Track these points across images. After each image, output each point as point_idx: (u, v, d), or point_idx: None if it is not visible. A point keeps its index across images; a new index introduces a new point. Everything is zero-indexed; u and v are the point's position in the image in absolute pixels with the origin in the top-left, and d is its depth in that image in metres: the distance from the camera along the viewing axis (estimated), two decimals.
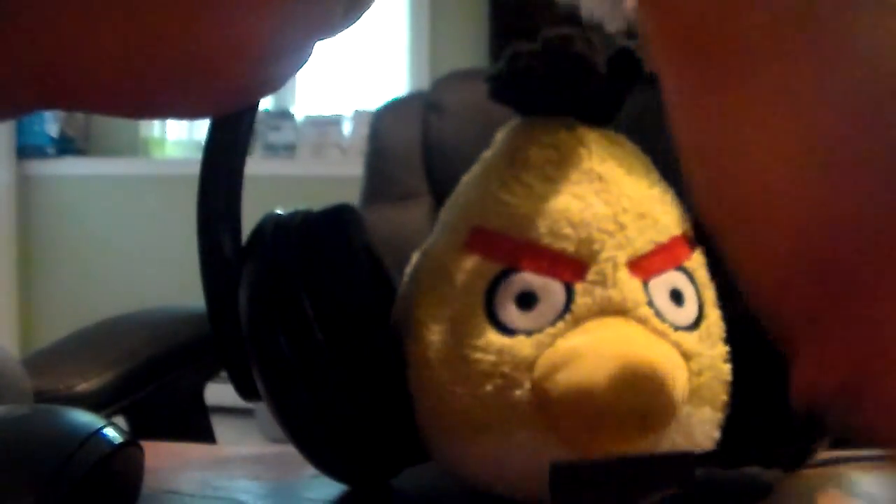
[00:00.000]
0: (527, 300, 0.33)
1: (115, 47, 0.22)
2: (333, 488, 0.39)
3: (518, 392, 0.32)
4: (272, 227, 0.36)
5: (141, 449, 0.35)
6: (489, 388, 0.32)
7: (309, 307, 0.34)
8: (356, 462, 0.36)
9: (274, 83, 0.25)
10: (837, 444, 0.37)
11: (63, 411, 0.35)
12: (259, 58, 0.23)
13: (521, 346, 0.32)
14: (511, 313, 0.33)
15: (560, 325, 0.32)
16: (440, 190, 1.09)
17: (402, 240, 0.38)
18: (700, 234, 0.36)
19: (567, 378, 0.30)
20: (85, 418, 0.35)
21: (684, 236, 0.35)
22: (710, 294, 0.35)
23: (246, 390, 0.37)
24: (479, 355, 0.32)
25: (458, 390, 0.33)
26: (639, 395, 0.30)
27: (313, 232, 0.36)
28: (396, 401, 0.34)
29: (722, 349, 0.34)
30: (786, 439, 0.34)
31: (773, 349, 0.33)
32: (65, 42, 0.21)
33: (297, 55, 0.25)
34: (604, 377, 0.30)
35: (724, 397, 0.34)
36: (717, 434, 0.34)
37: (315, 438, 0.35)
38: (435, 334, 0.34)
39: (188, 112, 0.25)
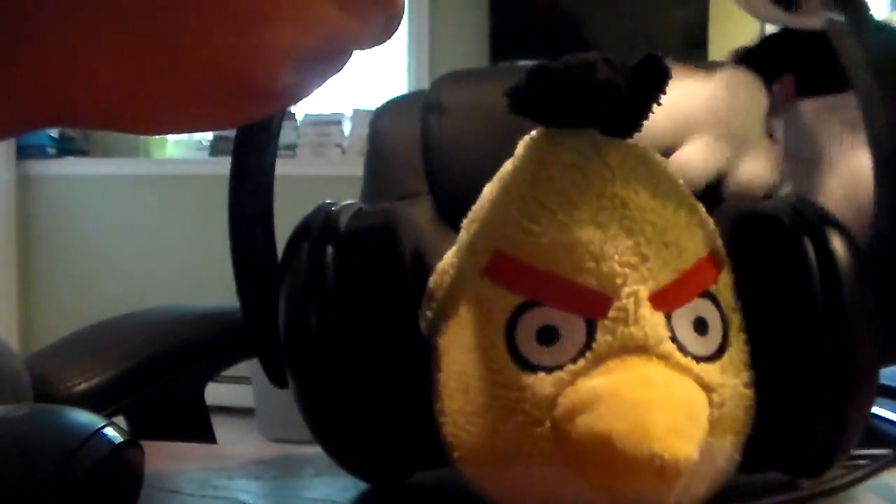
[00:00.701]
0: (548, 335, 0.33)
1: (128, 63, 0.21)
2: (333, 488, 0.39)
3: (539, 430, 0.32)
4: (321, 222, 0.37)
5: (141, 449, 0.35)
6: (511, 424, 0.32)
7: (349, 311, 0.34)
8: (375, 460, 0.36)
9: (303, 89, 0.25)
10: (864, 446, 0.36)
11: (63, 411, 0.35)
12: (280, 64, 0.23)
13: (542, 383, 0.32)
14: (532, 348, 0.33)
15: (581, 362, 0.32)
16: (440, 189, 1.09)
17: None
18: (737, 256, 0.36)
19: (586, 424, 0.30)
20: (85, 418, 0.35)
21: (711, 255, 0.35)
22: (735, 317, 0.34)
23: (278, 379, 0.38)
24: (500, 391, 0.33)
25: (481, 422, 0.33)
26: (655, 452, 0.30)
27: (363, 234, 0.36)
28: (420, 408, 0.35)
29: (745, 375, 0.34)
30: (808, 447, 0.34)
31: (796, 361, 0.33)
32: (79, 64, 0.21)
33: (331, 63, 0.25)
34: (624, 427, 0.29)
35: (746, 420, 0.34)
36: (738, 455, 0.34)
37: (338, 437, 0.36)
38: (457, 364, 0.34)
39: (215, 122, 0.25)
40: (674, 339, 0.32)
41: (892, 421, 0.89)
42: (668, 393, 0.31)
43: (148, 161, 3.04)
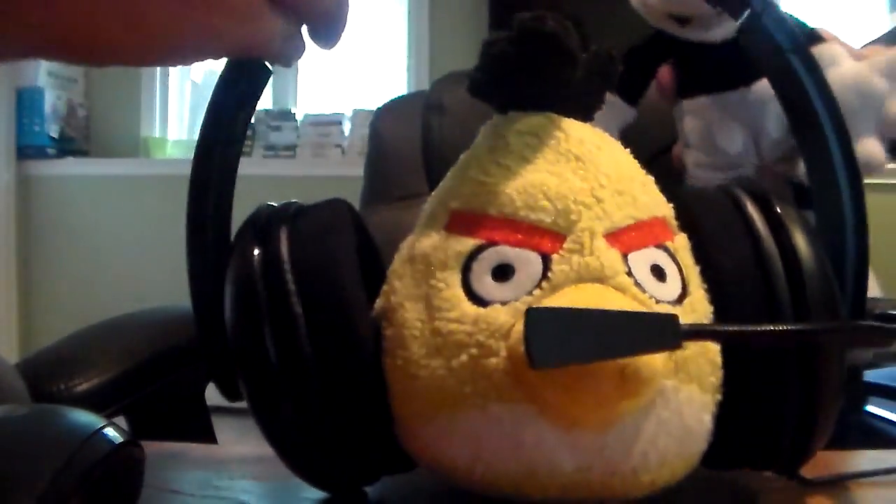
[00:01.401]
0: (503, 272, 0.32)
1: None
2: None
3: (493, 360, 0.31)
4: (263, 221, 0.36)
5: (141, 449, 0.35)
6: (464, 357, 0.31)
7: (298, 306, 0.33)
8: (334, 467, 0.35)
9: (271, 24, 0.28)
10: (834, 442, 0.36)
11: (63, 411, 0.35)
12: None
13: (497, 314, 0.31)
14: (487, 285, 0.32)
15: (537, 293, 0.31)
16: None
17: (402, 240, 0.37)
18: (684, 223, 0.35)
19: None
20: (85, 418, 0.35)
21: (666, 219, 0.35)
22: (693, 274, 0.34)
23: (230, 391, 0.36)
24: (453, 326, 0.32)
25: (432, 364, 0.32)
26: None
27: (302, 227, 0.35)
28: (378, 405, 0.33)
29: None
30: (780, 441, 0.33)
31: (764, 346, 0.32)
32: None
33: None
34: None
35: (713, 379, 0.32)
36: (707, 419, 0.33)
37: (295, 444, 0.35)
38: (410, 312, 0.33)
39: (195, 30, 0.27)
40: (630, 274, 0.32)
41: (892, 421, 0.89)
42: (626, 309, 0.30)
43: (148, 161, 3.04)
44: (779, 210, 0.34)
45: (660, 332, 0.29)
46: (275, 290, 0.33)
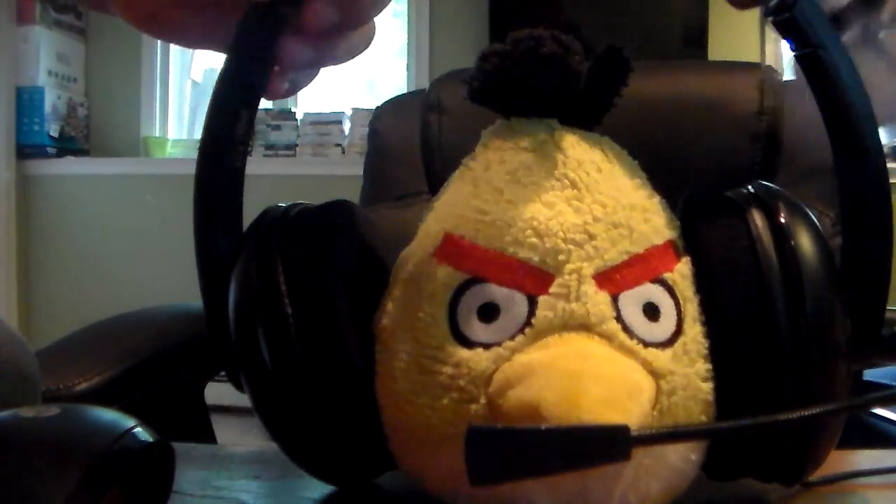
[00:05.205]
0: (489, 311, 0.32)
1: None
2: (333, 488, 0.39)
3: (474, 407, 0.31)
4: (267, 222, 0.36)
5: (172, 449, 0.35)
6: (446, 401, 0.31)
7: (289, 308, 0.33)
8: (337, 463, 0.35)
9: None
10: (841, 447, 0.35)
11: (93, 411, 0.35)
12: None
13: (479, 359, 0.31)
14: (473, 325, 0.32)
15: (520, 338, 0.31)
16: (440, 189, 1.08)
17: (401, 240, 0.37)
18: (690, 241, 0.34)
19: (517, 395, 0.29)
20: (116, 418, 0.34)
21: (668, 245, 0.34)
22: (691, 308, 0.33)
23: (239, 384, 0.37)
24: (437, 367, 0.32)
25: (418, 401, 0.32)
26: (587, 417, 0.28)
27: (304, 228, 0.35)
28: (370, 412, 0.34)
29: (701, 367, 0.32)
30: (779, 451, 0.33)
31: (761, 361, 0.32)
32: None
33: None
34: (553, 396, 0.28)
35: (703, 417, 0.32)
36: (696, 456, 0.32)
37: (295, 441, 0.35)
38: (399, 343, 0.33)
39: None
40: (619, 319, 0.31)
41: (892, 421, 0.89)
42: (605, 367, 0.30)
43: (148, 161, 3.04)
44: (789, 227, 0.33)
45: (608, 443, 0.28)
46: (267, 291, 0.34)
